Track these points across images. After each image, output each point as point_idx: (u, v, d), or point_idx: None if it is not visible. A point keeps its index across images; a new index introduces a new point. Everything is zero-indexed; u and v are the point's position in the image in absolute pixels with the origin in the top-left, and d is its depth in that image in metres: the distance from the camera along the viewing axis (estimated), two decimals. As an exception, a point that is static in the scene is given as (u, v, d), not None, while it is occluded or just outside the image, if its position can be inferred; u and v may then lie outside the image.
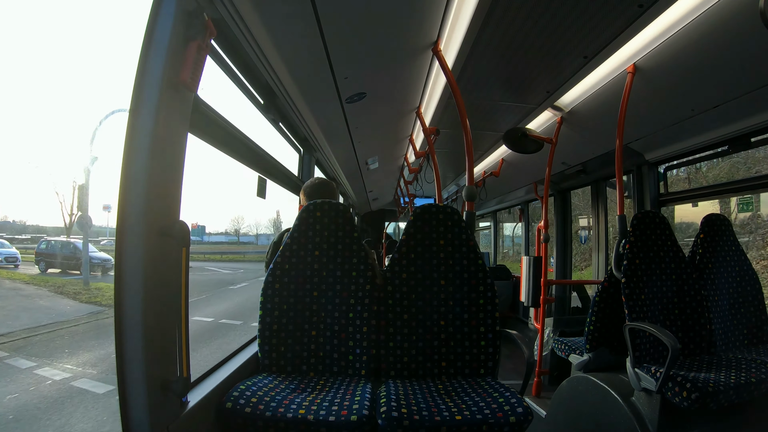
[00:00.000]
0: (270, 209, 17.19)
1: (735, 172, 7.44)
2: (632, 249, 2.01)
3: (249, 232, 13.36)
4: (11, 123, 15.62)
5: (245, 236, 13.81)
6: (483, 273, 1.74)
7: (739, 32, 1.63)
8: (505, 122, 3.11)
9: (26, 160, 10.78)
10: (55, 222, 26.23)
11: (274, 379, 1.51)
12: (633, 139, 2.71)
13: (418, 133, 3.74)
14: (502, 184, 4.79)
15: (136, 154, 1.02)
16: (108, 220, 6.10)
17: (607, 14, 1.69)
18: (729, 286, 2.17)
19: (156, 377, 1.06)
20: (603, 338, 2.26)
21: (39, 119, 35.46)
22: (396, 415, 1.27)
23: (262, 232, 16.94)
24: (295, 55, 1.84)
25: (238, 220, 13.65)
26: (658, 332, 1.70)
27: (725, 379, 1.66)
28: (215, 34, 1.21)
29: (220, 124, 1.54)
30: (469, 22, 1.80)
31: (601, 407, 1.93)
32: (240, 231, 13.33)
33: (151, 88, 1.04)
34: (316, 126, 2.78)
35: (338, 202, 1.84)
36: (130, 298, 1.01)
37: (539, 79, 2.37)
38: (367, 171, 4.85)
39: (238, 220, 12.70)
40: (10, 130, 16.19)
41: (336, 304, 1.70)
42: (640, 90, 2.15)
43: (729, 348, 2.10)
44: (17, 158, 37.52)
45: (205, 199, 50.13)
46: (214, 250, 28.61)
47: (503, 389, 1.46)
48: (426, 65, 2.28)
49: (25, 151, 34.95)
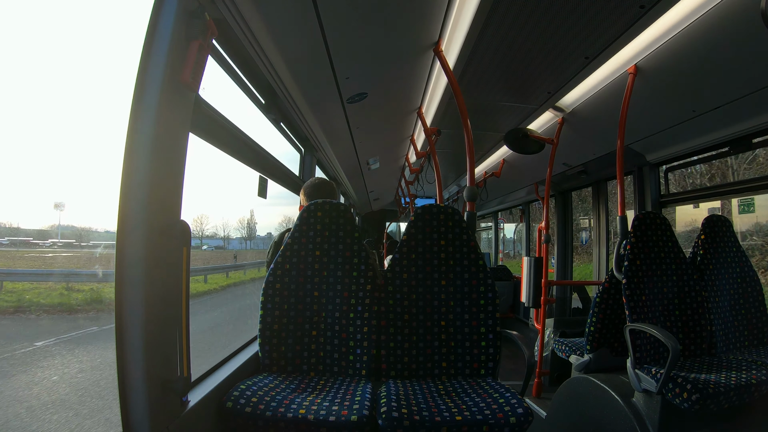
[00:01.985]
0: (242, 208, 14.50)
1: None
2: (633, 250, 2.01)
3: (217, 234, 11.23)
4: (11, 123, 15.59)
5: (211, 239, 10.86)
6: (484, 273, 1.74)
7: (740, 33, 1.63)
8: (506, 123, 3.11)
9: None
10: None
11: (275, 379, 1.51)
12: (634, 140, 2.71)
13: (419, 133, 3.75)
14: (503, 184, 4.79)
15: (137, 153, 1.02)
16: (59, 220, 5.11)
17: (609, 15, 1.69)
18: (730, 287, 2.16)
19: (156, 377, 1.06)
20: (604, 339, 2.25)
21: (38, 119, 35.32)
22: (396, 416, 1.27)
23: (233, 234, 14.07)
24: (296, 55, 1.84)
25: (201, 220, 10.93)
26: (659, 333, 1.70)
27: (726, 380, 1.66)
28: (216, 34, 1.21)
29: (222, 124, 1.54)
30: (470, 22, 1.80)
31: (602, 408, 1.93)
32: (204, 233, 10.97)
33: (152, 87, 1.04)
34: (317, 126, 2.78)
35: (339, 202, 1.84)
36: (130, 298, 1.01)
37: (540, 80, 2.37)
38: (368, 171, 4.85)
39: (201, 219, 10.36)
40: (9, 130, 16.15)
41: (337, 304, 1.71)
42: (642, 91, 2.14)
43: (730, 349, 2.09)
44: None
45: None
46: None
47: (504, 390, 1.46)
48: (427, 65, 2.28)
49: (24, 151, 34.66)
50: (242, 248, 13.55)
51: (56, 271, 4.70)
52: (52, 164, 10.14)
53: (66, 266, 5.15)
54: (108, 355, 3.58)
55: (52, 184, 7.10)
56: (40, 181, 5.82)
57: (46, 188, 6.59)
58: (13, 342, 3.68)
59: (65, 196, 5.63)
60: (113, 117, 1.13)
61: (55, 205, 5.22)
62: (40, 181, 5.75)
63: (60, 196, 5.59)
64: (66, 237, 5.68)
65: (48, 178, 6.74)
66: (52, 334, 3.90)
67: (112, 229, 1.01)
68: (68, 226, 5.45)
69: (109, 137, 1.17)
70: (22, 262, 5.05)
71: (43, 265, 5.20)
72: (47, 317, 4.03)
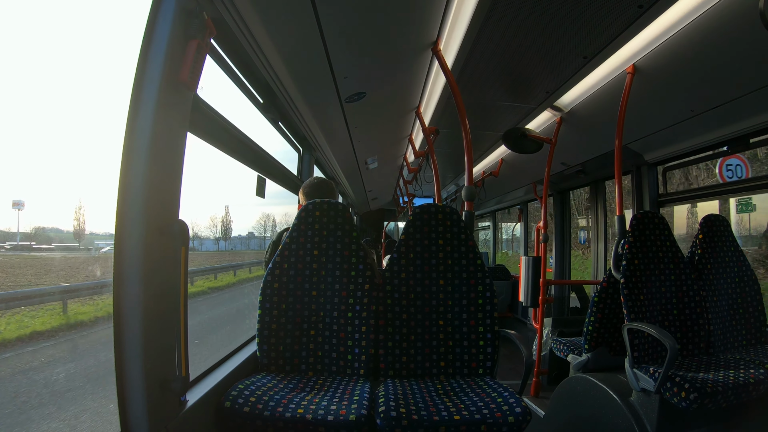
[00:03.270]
0: (214, 205, 13.07)
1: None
2: (631, 249, 2.01)
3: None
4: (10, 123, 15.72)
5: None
6: (482, 273, 1.75)
7: (738, 33, 1.63)
8: (505, 122, 3.12)
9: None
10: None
11: (273, 379, 1.51)
12: (632, 140, 2.72)
13: (417, 132, 3.75)
14: (501, 184, 4.80)
15: (135, 153, 1.02)
16: (18, 220, 4.68)
17: (607, 14, 1.69)
18: (728, 286, 2.17)
19: (155, 376, 1.05)
20: (602, 338, 2.26)
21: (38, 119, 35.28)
22: (394, 415, 1.27)
23: (204, 233, 12.25)
24: (294, 55, 1.84)
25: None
26: (657, 333, 1.71)
27: (724, 379, 1.66)
28: (215, 33, 1.21)
29: (220, 124, 1.54)
30: (468, 22, 1.80)
31: (600, 407, 1.93)
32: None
33: (150, 87, 1.04)
34: (316, 125, 2.78)
35: (337, 201, 1.84)
36: (129, 297, 1.01)
37: (539, 80, 2.38)
38: (367, 170, 4.85)
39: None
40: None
41: (335, 304, 1.71)
42: (640, 90, 2.15)
43: (728, 348, 2.10)
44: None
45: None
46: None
47: (502, 389, 1.47)
48: (426, 65, 2.28)
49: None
50: (215, 249, 12.79)
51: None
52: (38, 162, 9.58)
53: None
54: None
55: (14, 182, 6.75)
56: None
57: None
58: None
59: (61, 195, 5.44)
60: (111, 116, 1.13)
61: (14, 204, 4.86)
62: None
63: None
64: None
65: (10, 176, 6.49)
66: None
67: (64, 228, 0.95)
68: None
69: (107, 136, 1.16)
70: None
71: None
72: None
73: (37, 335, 3.81)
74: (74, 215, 6.63)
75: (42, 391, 3.22)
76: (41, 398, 3.10)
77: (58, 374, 3.48)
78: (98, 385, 3.37)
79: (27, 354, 3.60)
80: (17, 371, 3.45)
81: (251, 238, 14.86)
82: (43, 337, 3.90)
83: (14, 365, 3.51)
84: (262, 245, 14.53)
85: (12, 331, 3.68)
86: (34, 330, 3.86)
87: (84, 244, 6.90)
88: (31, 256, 5.72)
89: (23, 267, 5.52)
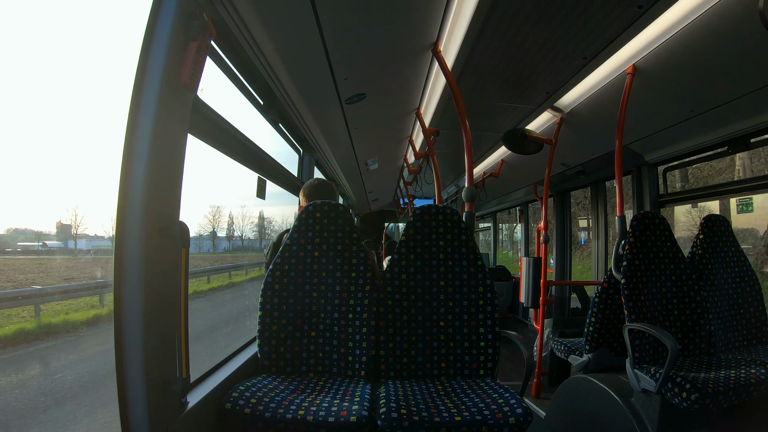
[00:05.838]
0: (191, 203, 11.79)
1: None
2: (632, 250, 2.01)
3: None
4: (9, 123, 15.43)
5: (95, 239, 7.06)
6: (482, 274, 1.74)
7: (738, 33, 1.63)
8: (505, 123, 3.12)
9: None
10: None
11: (274, 380, 1.51)
12: (632, 140, 2.72)
13: (417, 133, 3.75)
14: (501, 185, 4.80)
15: (135, 154, 1.03)
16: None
17: (607, 15, 1.70)
18: (728, 286, 2.17)
19: (155, 378, 1.05)
20: (603, 339, 2.26)
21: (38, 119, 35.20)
22: (395, 416, 1.27)
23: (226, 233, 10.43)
24: (294, 56, 1.84)
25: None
26: (658, 333, 1.71)
27: (725, 379, 1.66)
28: (215, 34, 1.21)
29: (220, 125, 1.54)
30: (468, 22, 1.80)
31: (601, 408, 1.93)
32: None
33: (151, 88, 1.04)
34: (316, 127, 2.78)
35: (338, 202, 1.84)
36: (129, 299, 1.01)
37: (539, 80, 2.38)
38: (367, 172, 4.85)
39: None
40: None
41: (335, 305, 1.70)
42: (640, 91, 2.15)
43: (728, 348, 2.10)
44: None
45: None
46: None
47: (503, 390, 1.46)
48: (426, 66, 2.29)
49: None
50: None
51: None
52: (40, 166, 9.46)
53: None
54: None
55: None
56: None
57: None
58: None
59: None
60: (112, 118, 1.13)
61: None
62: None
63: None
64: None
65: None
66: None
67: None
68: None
69: (108, 138, 1.16)
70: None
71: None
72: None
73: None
74: (72, 216, 6.62)
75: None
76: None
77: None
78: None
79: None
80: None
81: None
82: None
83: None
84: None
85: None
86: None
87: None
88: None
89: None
